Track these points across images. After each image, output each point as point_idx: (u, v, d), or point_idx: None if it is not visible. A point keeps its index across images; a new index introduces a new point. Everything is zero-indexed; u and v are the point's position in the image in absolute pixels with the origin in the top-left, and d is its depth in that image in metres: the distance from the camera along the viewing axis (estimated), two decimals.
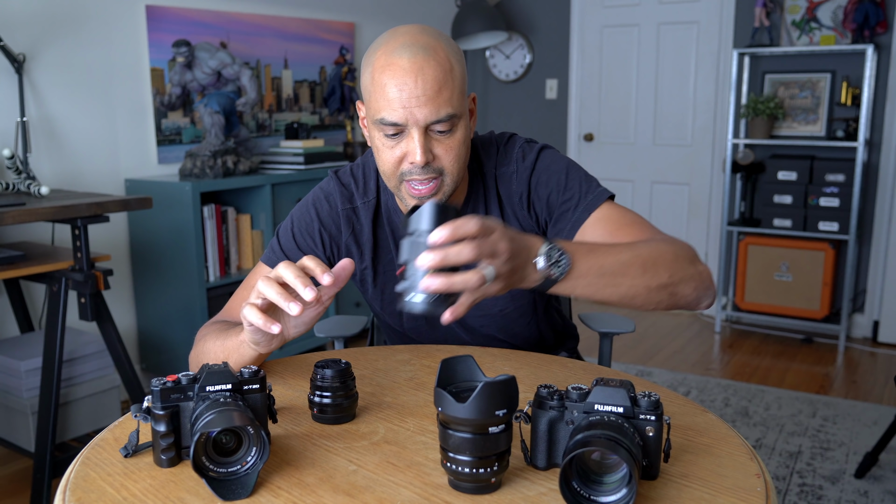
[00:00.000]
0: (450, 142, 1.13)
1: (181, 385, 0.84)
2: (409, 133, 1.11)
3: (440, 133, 1.11)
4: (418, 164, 1.11)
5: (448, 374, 0.81)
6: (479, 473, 0.78)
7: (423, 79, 1.07)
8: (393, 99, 1.08)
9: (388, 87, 1.08)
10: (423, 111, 1.08)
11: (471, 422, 0.76)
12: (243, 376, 0.86)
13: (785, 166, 3.73)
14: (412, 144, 1.10)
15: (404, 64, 1.08)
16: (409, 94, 1.07)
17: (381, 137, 1.13)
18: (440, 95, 1.08)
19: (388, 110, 1.09)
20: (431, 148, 1.12)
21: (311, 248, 1.27)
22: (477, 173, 1.28)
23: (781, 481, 2.40)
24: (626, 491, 0.74)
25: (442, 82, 1.08)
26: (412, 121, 1.09)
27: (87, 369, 2.37)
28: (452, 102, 1.10)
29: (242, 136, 3.20)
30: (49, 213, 2.01)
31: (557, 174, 1.23)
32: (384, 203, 1.29)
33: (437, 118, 1.09)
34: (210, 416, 0.79)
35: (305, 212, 1.29)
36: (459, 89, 1.12)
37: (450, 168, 1.14)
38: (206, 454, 0.79)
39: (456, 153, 1.14)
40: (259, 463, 0.80)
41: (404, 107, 1.08)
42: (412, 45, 1.09)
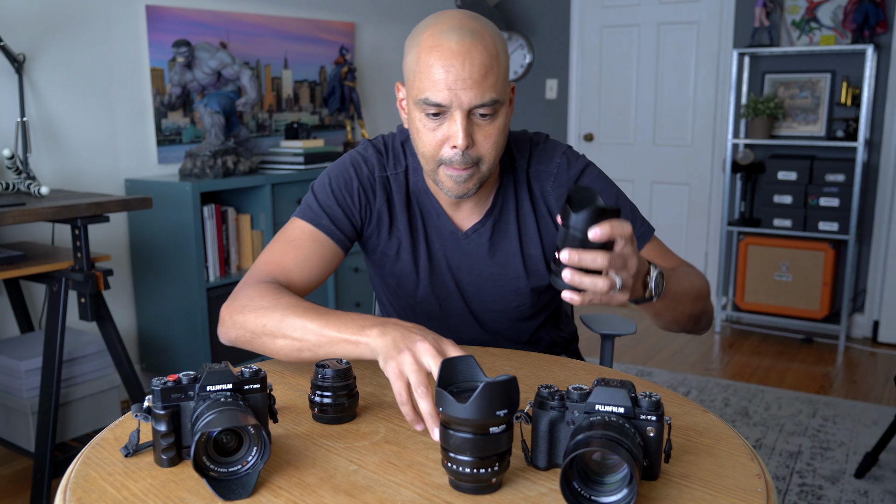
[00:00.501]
0: (490, 128, 1.13)
1: (182, 385, 0.84)
2: (452, 115, 1.10)
3: (482, 118, 1.12)
4: (459, 148, 1.11)
5: (449, 374, 0.81)
6: (480, 474, 0.78)
7: (471, 62, 1.08)
8: (438, 80, 1.08)
9: (434, 67, 1.08)
10: (469, 94, 1.08)
11: (472, 422, 0.76)
12: (244, 376, 0.86)
13: (785, 166, 3.73)
14: (454, 127, 1.10)
15: (452, 46, 1.08)
16: (455, 76, 1.08)
17: (423, 118, 1.13)
18: (486, 80, 1.09)
19: (433, 91, 1.09)
20: (472, 133, 1.12)
21: (348, 205, 1.26)
22: (508, 167, 1.28)
23: (781, 481, 2.40)
24: (626, 491, 0.74)
25: (488, 67, 1.09)
26: (456, 103, 1.09)
27: (87, 369, 2.37)
28: (497, 88, 1.10)
29: (242, 136, 3.20)
30: (49, 213, 2.01)
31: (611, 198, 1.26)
32: (413, 183, 1.29)
33: (481, 102, 1.09)
34: (211, 415, 0.79)
35: (343, 169, 1.28)
36: (503, 76, 1.12)
37: (487, 155, 1.14)
38: (207, 454, 0.79)
39: (495, 140, 1.14)
40: (260, 463, 0.80)
41: (450, 88, 1.08)
42: (460, 29, 1.09)
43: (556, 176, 1.26)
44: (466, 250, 1.29)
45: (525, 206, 1.28)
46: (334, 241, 1.24)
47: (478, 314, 1.35)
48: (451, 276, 1.31)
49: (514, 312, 1.34)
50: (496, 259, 1.29)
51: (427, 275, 1.31)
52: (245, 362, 3.02)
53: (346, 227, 1.26)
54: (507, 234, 1.29)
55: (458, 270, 1.31)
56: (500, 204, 1.28)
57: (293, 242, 1.22)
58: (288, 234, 1.24)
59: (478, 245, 1.29)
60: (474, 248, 1.29)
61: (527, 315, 1.36)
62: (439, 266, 1.31)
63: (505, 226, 1.28)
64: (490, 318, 1.35)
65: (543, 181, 1.27)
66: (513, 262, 1.29)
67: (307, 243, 1.22)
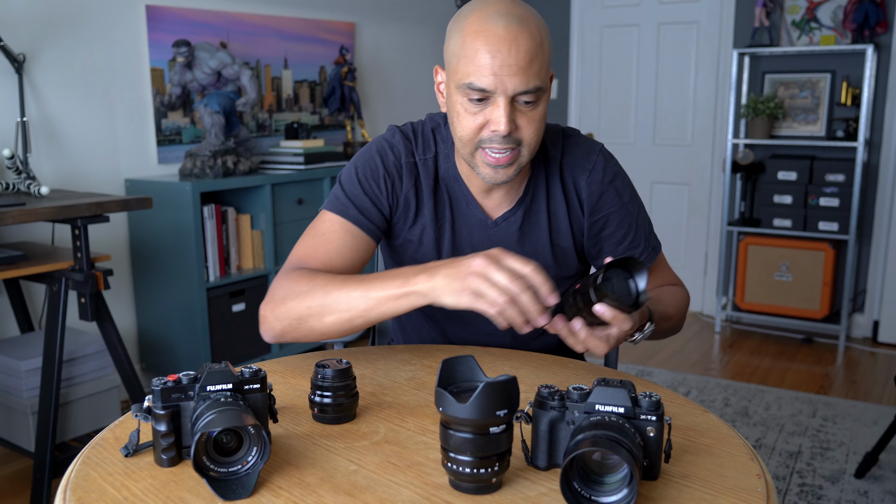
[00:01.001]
0: (533, 114, 1.13)
1: (182, 385, 0.84)
2: (495, 101, 1.10)
3: (525, 104, 1.12)
4: (500, 133, 1.11)
5: (449, 374, 0.81)
6: (480, 474, 0.78)
7: (517, 48, 1.08)
8: (484, 65, 1.08)
9: (480, 52, 1.08)
10: (514, 80, 1.08)
11: (472, 422, 0.76)
12: (244, 376, 0.86)
13: (785, 166, 3.73)
14: (497, 113, 1.10)
15: (499, 31, 1.08)
16: (501, 61, 1.08)
17: (465, 102, 1.13)
18: (531, 67, 1.09)
19: (478, 76, 1.09)
20: (514, 118, 1.12)
21: (375, 194, 1.25)
22: (540, 157, 1.28)
23: (781, 481, 2.40)
24: (626, 491, 0.74)
25: (534, 54, 1.09)
26: (501, 89, 1.09)
27: (87, 369, 2.37)
28: (541, 75, 1.10)
29: (242, 136, 3.20)
30: (49, 213, 2.01)
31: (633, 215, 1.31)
32: (443, 170, 1.28)
33: (525, 89, 1.09)
34: (211, 415, 0.79)
35: (369, 158, 1.27)
36: (546, 64, 1.13)
37: (528, 140, 1.15)
38: (207, 454, 0.79)
39: (537, 126, 1.14)
40: (260, 463, 0.80)
41: (495, 74, 1.08)
42: (507, 15, 1.09)
43: (591, 172, 1.27)
44: (495, 239, 1.29)
45: (557, 196, 1.28)
46: (364, 231, 1.24)
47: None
48: None
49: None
50: (525, 248, 1.29)
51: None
52: (245, 362, 3.02)
53: (375, 217, 1.25)
54: (537, 224, 1.29)
55: None
56: (532, 193, 1.28)
57: (324, 236, 1.22)
58: (318, 227, 1.24)
59: (507, 234, 1.29)
60: (503, 237, 1.29)
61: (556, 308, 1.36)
62: (464, 254, 1.30)
63: (535, 215, 1.28)
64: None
65: (577, 174, 1.27)
66: (542, 252, 1.30)
67: (338, 235, 1.22)
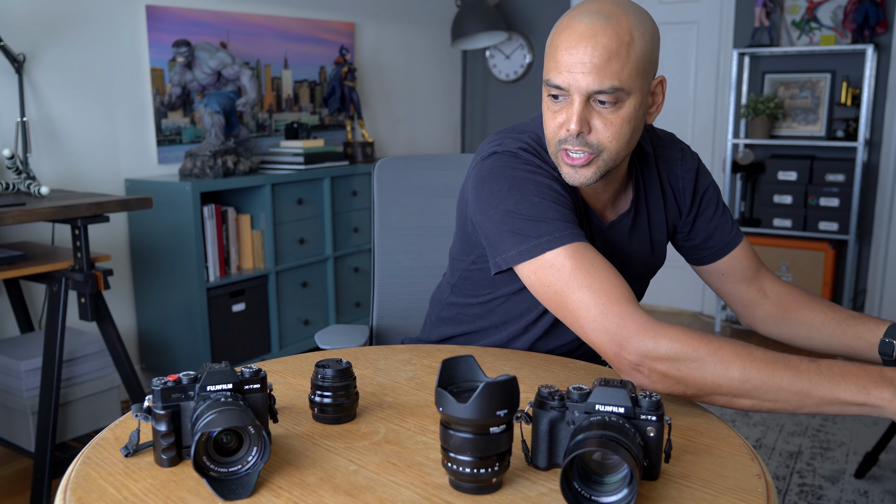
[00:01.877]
0: (612, 117, 1.08)
1: (182, 385, 0.84)
2: (571, 99, 1.08)
3: (602, 105, 1.07)
4: (571, 133, 1.08)
5: (449, 374, 0.81)
6: (480, 474, 0.78)
7: (595, 46, 1.04)
8: (560, 62, 1.07)
9: (559, 49, 1.08)
10: (587, 79, 1.05)
11: (472, 422, 0.76)
12: (244, 376, 0.86)
13: (785, 166, 3.73)
14: (571, 111, 1.08)
15: (581, 29, 1.06)
16: (576, 59, 1.05)
17: (548, 100, 1.12)
18: (608, 66, 1.04)
19: (555, 73, 1.08)
20: (590, 119, 1.08)
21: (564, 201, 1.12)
22: (634, 155, 1.27)
23: (781, 481, 2.40)
24: (626, 491, 0.74)
25: (614, 53, 1.04)
26: (574, 87, 1.06)
27: (87, 369, 2.37)
28: (621, 76, 1.05)
29: (242, 136, 3.20)
30: (49, 213, 2.01)
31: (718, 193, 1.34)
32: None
33: (599, 88, 1.05)
34: (211, 415, 0.79)
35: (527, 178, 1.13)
36: (635, 65, 1.06)
37: (607, 144, 1.09)
38: (207, 454, 0.79)
39: (616, 130, 1.09)
40: (260, 463, 0.80)
41: (569, 71, 1.06)
42: (596, 12, 1.06)
43: (682, 161, 1.30)
44: (608, 240, 1.28)
45: (654, 191, 1.29)
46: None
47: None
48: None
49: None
50: (632, 248, 1.30)
51: None
52: (245, 362, 3.03)
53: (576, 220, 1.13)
54: (641, 223, 1.30)
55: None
56: (643, 193, 1.29)
57: (591, 269, 1.04)
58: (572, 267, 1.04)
59: (619, 235, 1.28)
60: (615, 238, 1.28)
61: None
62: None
63: (640, 215, 1.29)
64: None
65: (672, 165, 1.29)
66: (644, 249, 1.31)
67: (595, 260, 1.05)
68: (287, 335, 3.22)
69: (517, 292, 1.26)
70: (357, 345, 1.54)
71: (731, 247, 1.33)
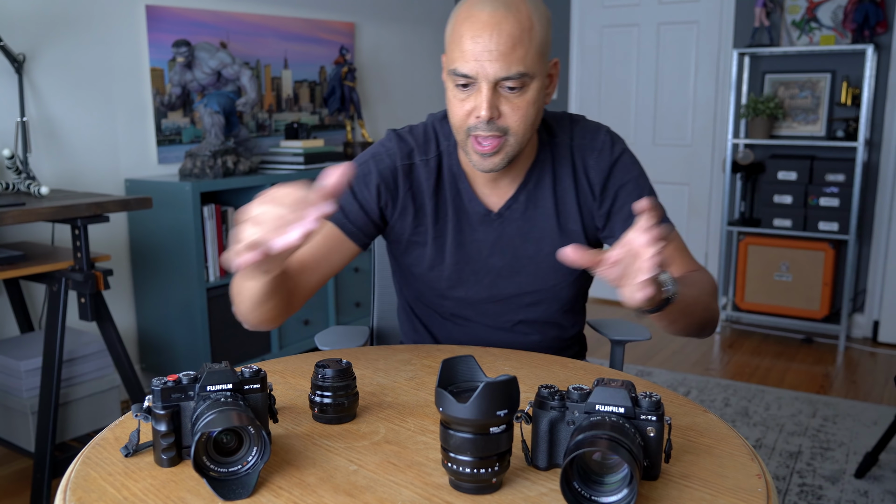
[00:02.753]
0: (519, 101, 1.13)
1: (182, 385, 0.84)
2: (479, 87, 1.11)
3: (510, 90, 1.12)
4: (482, 119, 1.11)
5: (449, 374, 0.81)
6: (480, 474, 0.78)
7: (499, 33, 1.08)
8: (466, 51, 1.10)
9: (464, 38, 1.10)
10: (494, 66, 1.09)
11: (472, 422, 0.76)
12: (244, 376, 0.86)
13: (785, 166, 3.73)
14: (480, 98, 1.11)
15: (483, 17, 1.09)
16: (482, 47, 1.08)
17: (453, 89, 1.14)
18: (514, 52, 1.09)
19: (461, 62, 1.11)
20: (498, 105, 1.12)
21: (365, 199, 1.26)
22: (547, 143, 1.28)
23: (781, 481, 2.40)
24: (626, 491, 0.74)
25: (517, 39, 1.09)
26: (482, 74, 1.10)
27: (87, 369, 2.37)
28: (526, 61, 1.10)
29: (242, 136, 3.20)
30: (49, 213, 2.01)
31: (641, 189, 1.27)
32: (446, 168, 1.28)
33: (507, 74, 1.10)
34: (211, 415, 0.79)
35: (363, 163, 1.28)
36: (536, 50, 1.12)
37: (515, 128, 1.14)
38: (207, 454, 0.79)
39: (524, 113, 1.13)
40: (260, 463, 0.80)
41: (476, 59, 1.09)
42: (495, 1, 1.10)
43: (599, 151, 1.27)
44: (500, 230, 1.29)
45: (565, 180, 1.28)
46: (347, 235, 1.25)
47: (511, 300, 1.33)
48: (483, 262, 1.30)
49: (552, 292, 1.33)
50: (532, 236, 1.29)
51: (455, 260, 1.30)
52: (245, 362, 3.03)
53: (360, 221, 1.26)
54: (542, 209, 1.28)
55: (491, 253, 1.30)
56: (535, 179, 1.28)
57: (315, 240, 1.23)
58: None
59: (511, 223, 1.28)
60: (508, 227, 1.29)
61: (563, 296, 1.34)
62: (470, 251, 1.30)
63: (541, 200, 1.28)
64: (526, 300, 1.33)
65: (586, 155, 1.27)
66: (549, 237, 1.29)
67: (318, 237, 1.23)
68: (287, 335, 3.22)
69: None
70: (356, 345, 1.54)
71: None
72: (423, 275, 1.33)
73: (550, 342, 1.39)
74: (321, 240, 1.23)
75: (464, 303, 1.34)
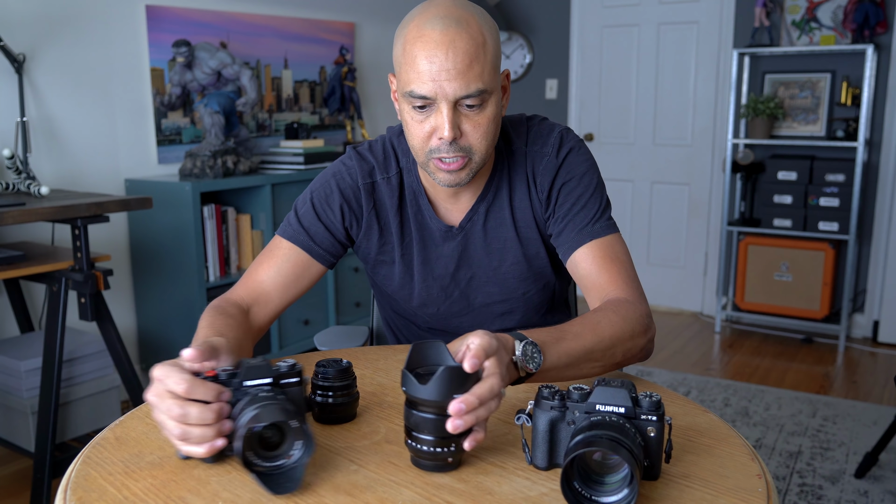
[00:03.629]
0: (479, 118, 1.11)
1: (220, 380, 0.84)
2: (438, 107, 1.09)
3: (469, 108, 1.09)
4: (446, 140, 1.09)
5: (418, 357, 0.85)
6: (438, 452, 0.82)
7: (454, 52, 1.05)
8: (423, 72, 1.07)
9: (418, 59, 1.07)
10: (453, 85, 1.06)
11: (431, 403, 0.80)
12: (281, 370, 0.86)
13: (785, 166, 3.73)
14: (440, 119, 1.09)
15: (436, 36, 1.06)
16: (439, 66, 1.06)
17: (410, 111, 1.11)
18: (471, 70, 1.06)
19: (418, 83, 1.07)
20: (460, 123, 1.10)
21: (329, 220, 1.25)
22: (503, 151, 1.27)
23: (781, 481, 2.40)
24: (627, 491, 0.74)
25: (473, 56, 1.06)
26: (441, 95, 1.07)
27: (87, 369, 2.37)
28: (483, 77, 1.08)
29: (242, 136, 3.20)
30: (49, 213, 2.01)
31: (583, 187, 1.22)
32: (407, 185, 1.27)
33: (466, 93, 1.07)
34: (254, 411, 0.79)
35: (325, 183, 1.27)
36: (491, 64, 1.10)
37: (477, 145, 1.12)
38: (253, 449, 0.79)
39: (484, 130, 1.12)
40: (305, 457, 0.80)
41: (434, 80, 1.06)
42: (445, 17, 1.07)
43: (548, 156, 1.24)
44: (464, 244, 1.28)
45: (520, 187, 1.26)
46: (313, 256, 1.24)
47: (484, 309, 1.34)
48: (450, 277, 1.30)
49: (523, 300, 1.33)
50: (494, 246, 1.28)
51: (422, 277, 1.30)
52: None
53: (326, 242, 1.25)
54: (501, 220, 1.27)
55: (457, 267, 1.30)
56: (494, 190, 1.26)
57: (271, 259, 1.24)
58: (270, 249, 1.25)
59: (473, 236, 1.28)
60: (470, 240, 1.28)
61: (537, 301, 1.34)
62: (436, 267, 1.30)
63: (499, 211, 1.27)
64: (498, 310, 1.34)
65: (537, 160, 1.25)
66: (510, 248, 1.28)
67: (283, 260, 1.23)
68: (287, 335, 3.22)
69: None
70: (355, 346, 1.54)
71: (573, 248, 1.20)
72: (395, 292, 1.34)
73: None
74: (289, 266, 1.23)
75: (437, 317, 1.35)
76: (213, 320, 1.08)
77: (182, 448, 0.82)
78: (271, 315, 1.23)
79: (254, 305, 1.20)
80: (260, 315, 1.21)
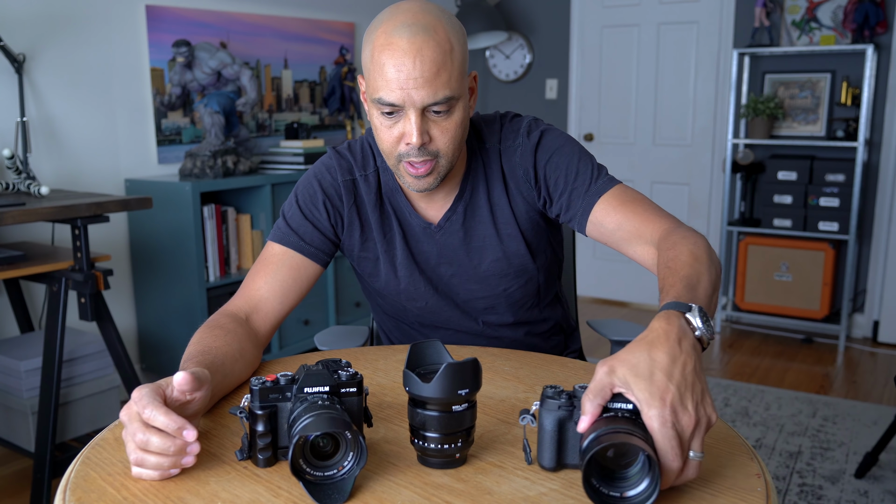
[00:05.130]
0: (447, 123, 1.12)
1: (280, 385, 0.84)
2: (407, 114, 1.10)
3: (437, 114, 1.11)
4: (414, 146, 1.11)
5: (417, 357, 0.86)
6: (445, 449, 0.82)
7: (422, 60, 1.06)
8: (391, 79, 1.08)
9: (386, 66, 1.08)
10: (421, 93, 1.08)
11: (436, 400, 0.80)
12: (341, 379, 0.85)
13: (785, 166, 3.73)
14: (409, 126, 1.10)
15: (403, 44, 1.07)
16: (406, 75, 1.07)
17: (379, 116, 1.13)
18: (438, 78, 1.08)
19: (386, 90, 1.09)
20: (428, 129, 1.12)
21: (316, 218, 1.27)
22: (477, 150, 1.28)
23: (781, 481, 2.40)
24: (649, 479, 0.73)
25: (440, 64, 1.07)
26: (409, 102, 1.08)
27: (87, 369, 2.37)
28: (451, 84, 1.09)
29: (242, 136, 3.20)
30: (49, 213, 2.01)
31: (569, 156, 1.23)
32: (384, 183, 1.29)
33: (434, 101, 1.09)
34: (309, 419, 0.77)
35: (308, 184, 1.29)
36: (459, 70, 1.11)
37: (445, 150, 1.14)
38: (304, 457, 0.78)
39: (452, 135, 1.14)
40: (356, 468, 0.78)
41: (402, 88, 1.07)
42: (412, 25, 1.07)
43: (521, 147, 1.26)
44: (443, 242, 1.29)
45: (497, 185, 1.27)
46: (307, 256, 1.26)
47: (469, 304, 1.35)
48: (433, 272, 1.32)
49: (504, 297, 1.34)
50: (473, 245, 1.30)
51: (407, 273, 1.31)
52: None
53: (316, 241, 1.27)
54: (480, 218, 1.28)
55: (437, 265, 1.31)
56: (471, 188, 1.28)
57: (266, 266, 1.24)
58: (263, 257, 1.26)
59: (452, 234, 1.29)
60: (449, 239, 1.29)
61: (519, 297, 1.35)
62: (418, 264, 1.31)
63: (477, 209, 1.28)
64: (481, 305, 1.35)
65: (512, 154, 1.27)
66: (489, 245, 1.29)
67: (278, 265, 1.24)
68: (287, 335, 3.22)
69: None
70: (355, 346, 1.54)
71: (587, 213, 1.20)
72: (382, 288, 1.35)
73: (524, 338, 1.40)
74: (284, 270, 1.24)
75: (427, 311, 1.35)
76: (202, 336, 1.09)
77: (134, 471, 0.82)
78: (273, 321, 1.23)
79: (253, 313, 1.20)
80: (261, 322, 1.21)
